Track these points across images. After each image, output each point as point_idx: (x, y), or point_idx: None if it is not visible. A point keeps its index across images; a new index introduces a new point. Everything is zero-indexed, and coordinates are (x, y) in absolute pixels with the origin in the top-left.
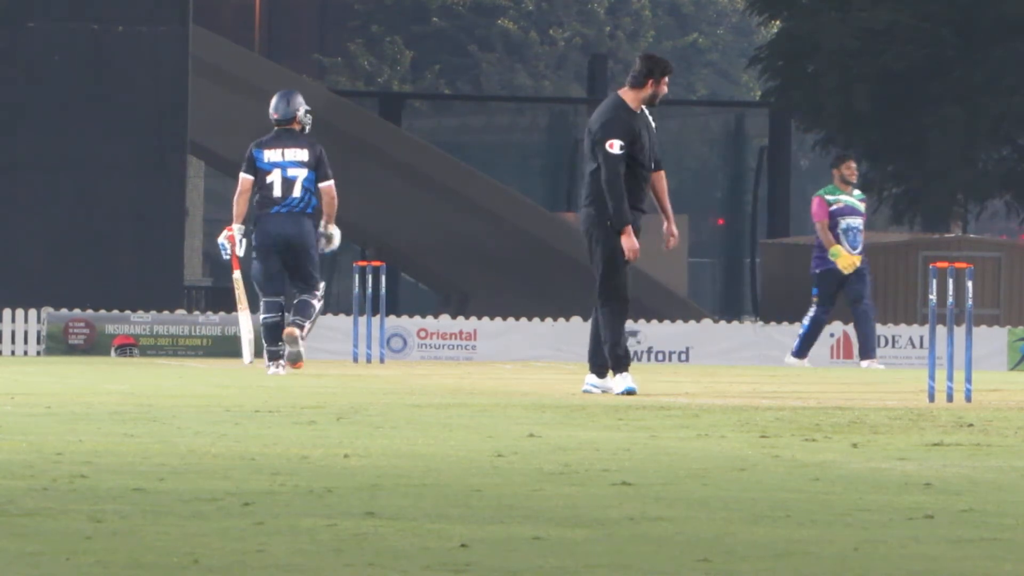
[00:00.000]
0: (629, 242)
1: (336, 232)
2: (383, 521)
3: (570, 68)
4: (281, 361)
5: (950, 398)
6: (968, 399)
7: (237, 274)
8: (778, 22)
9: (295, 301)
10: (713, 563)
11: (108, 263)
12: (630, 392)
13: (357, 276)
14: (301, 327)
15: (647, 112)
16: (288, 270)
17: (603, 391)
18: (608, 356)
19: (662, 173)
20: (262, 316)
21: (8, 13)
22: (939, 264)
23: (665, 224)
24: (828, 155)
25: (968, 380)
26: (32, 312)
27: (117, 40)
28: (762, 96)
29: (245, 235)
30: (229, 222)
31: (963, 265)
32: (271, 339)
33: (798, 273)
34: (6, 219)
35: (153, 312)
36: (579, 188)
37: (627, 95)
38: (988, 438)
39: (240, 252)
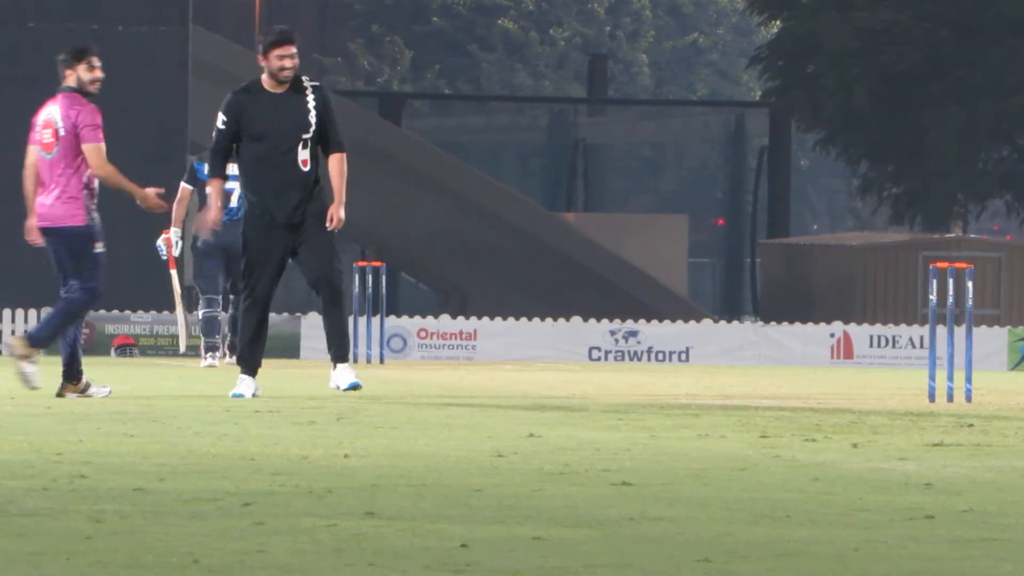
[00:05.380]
0: (211, 195)
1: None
2: (383, 521)
3: (570, 68)
4: (216, 353)
5: (950, 398)
6: (968, 399)
7: (174, 273)
8: (778, 22)
9: (229, 318)
10: (713, 563)
11: (108, 263)
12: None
13: (357, 276)
14: (235, 348)
15: (306, 91)
16: (226, 272)
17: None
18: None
19: (337, 156)
20: (201, 311)
21: (8, 13)
22: (939, 264)
23: (332, 205)
24: (828, 155)
25: (968, 380)
26: (32, 312)
27: (117, 40)
28: (762, 96)
29: (182, 238)
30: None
31: (963, 265)
32: (208, 332)
33: (798, 273)
34: (6, 219)
35: (153, 312)
36: (578, 188)
37: (263, 75)
38: (988, 438)
39: (176, 253)
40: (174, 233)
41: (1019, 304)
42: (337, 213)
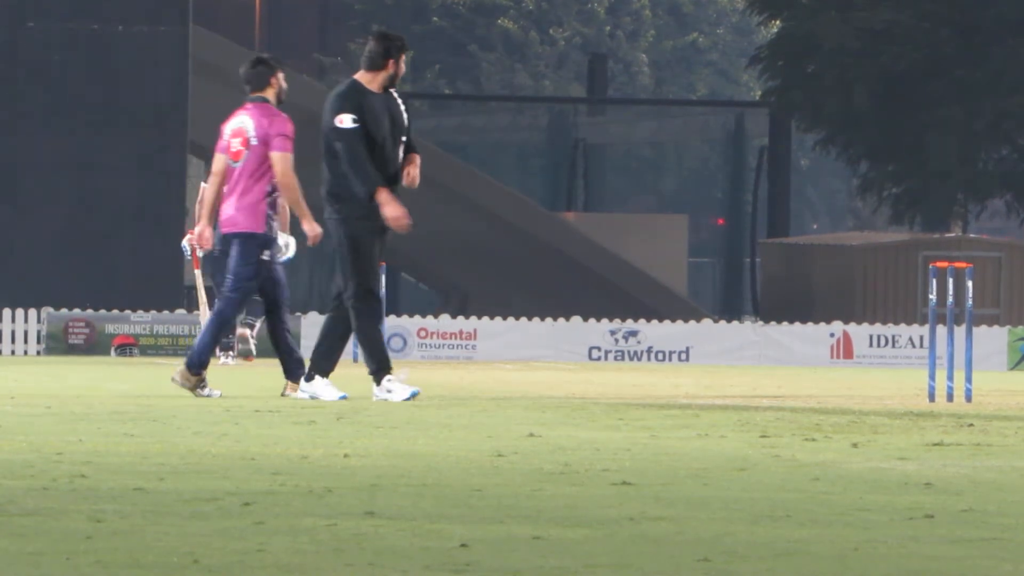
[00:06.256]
0: (390, 208)
1: (291, 240)
2: (383, 521)
3: (570, 68)
4: (231, 353)
5: (950, 398)
6: (968, 399)
7: (198, 272)
8: (778, 22)
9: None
10: (713, 563)
11: (108, 263)
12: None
13: None
14: (252, 326)
15: (395, 94)
16: None
17: (311, 396)
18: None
19: (415, 156)
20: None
21: (8, 13)
22: (939, 264)
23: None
24: (828, 155)
25: (968, 380)
26: (32, 312)
27: (117, 40)
28: (762, 96)
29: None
30: None
31: (963, 265)
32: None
33: (798, 273)
34: (6, 219)
35: (153, 312)
36: (578, 188)
37: (364, 78)
38: (988, 438)
39: (201, 254)
40: None
41: (1019, 304)
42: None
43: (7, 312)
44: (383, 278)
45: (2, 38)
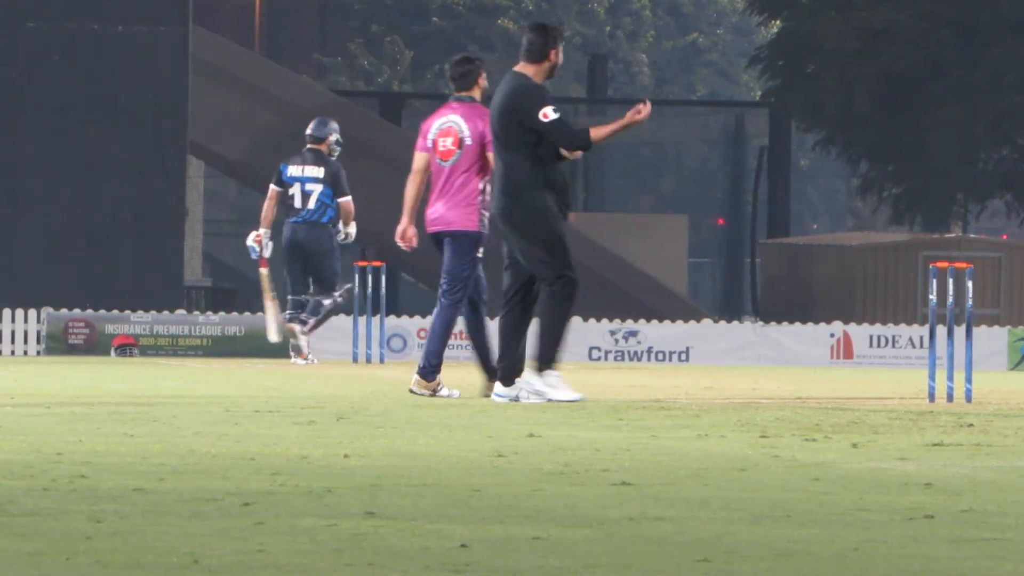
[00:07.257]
0: (611, 128)
1: (352, 230)
2: (383, 521)
3: (570, 68)
4: (305, 355)
5: (950, 398)
6: (968, 399)
7: (264, 271)
8: (778, 22)
9: (310, 300)
10: (713, 563)
11: (108, 263)
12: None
13: (357, 276)
14: (305, 323)
15: None
16: (308, 272)
17: (511, 399)
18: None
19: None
20: (287, 313)
21: (8, 13)
22: (939, 264)
23: None
24: (828, 155)
25: (968, 380)
26: (32, 312)
27: (117, 40)
28: (762, 96)
29: (271, 239)
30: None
31: (963, 265)
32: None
33: (798, 273)
34: (6, 219)
35: (153, 312)
36: (578, 188)
37: (527, 70)
38: (988, 438)
39: (267, 254)
40: (264, 233)
41: (1019, 304)
42: None
43: (7, 312)
44: (383, 278)
45: (2, 38)
